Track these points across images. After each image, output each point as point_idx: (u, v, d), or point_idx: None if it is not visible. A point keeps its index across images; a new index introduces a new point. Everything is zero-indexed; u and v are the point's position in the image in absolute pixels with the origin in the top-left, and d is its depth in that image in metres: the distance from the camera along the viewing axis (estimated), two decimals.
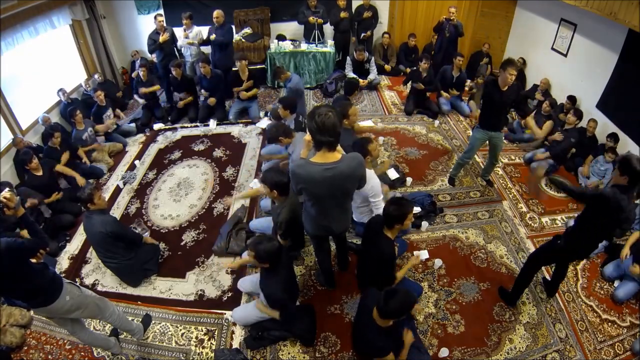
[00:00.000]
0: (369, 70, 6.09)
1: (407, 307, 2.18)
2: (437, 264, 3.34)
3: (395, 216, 2.48)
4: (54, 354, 2.78)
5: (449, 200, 4.07)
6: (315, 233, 2.63)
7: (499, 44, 6.52)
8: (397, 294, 2.18)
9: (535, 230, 3.72)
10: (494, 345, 2.78)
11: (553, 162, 4.44)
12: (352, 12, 6.28)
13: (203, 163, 4.70)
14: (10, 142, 4.22)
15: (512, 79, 3.28)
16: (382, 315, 2.22)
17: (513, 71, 3.23)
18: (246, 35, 6.16)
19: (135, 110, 5.87)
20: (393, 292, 2.21)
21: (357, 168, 2.20)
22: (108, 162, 4.69)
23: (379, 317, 2.24)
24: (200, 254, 3.50)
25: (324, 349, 2.76)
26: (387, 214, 2.52)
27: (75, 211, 3.91)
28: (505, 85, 3.34)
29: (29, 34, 4.54)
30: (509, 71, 3.23)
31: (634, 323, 2.94)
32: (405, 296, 2.18)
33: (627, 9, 3.53)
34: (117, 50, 6.49)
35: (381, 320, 2.25)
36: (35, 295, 2.17)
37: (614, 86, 4.33)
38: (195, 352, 2.77)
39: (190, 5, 6.17)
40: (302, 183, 2.21)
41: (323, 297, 3.10)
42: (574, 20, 4.86)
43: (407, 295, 2.19)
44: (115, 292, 3.20)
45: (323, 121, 1.96)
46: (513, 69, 3.23)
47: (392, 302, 2.15)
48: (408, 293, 2.23)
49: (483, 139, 3.77)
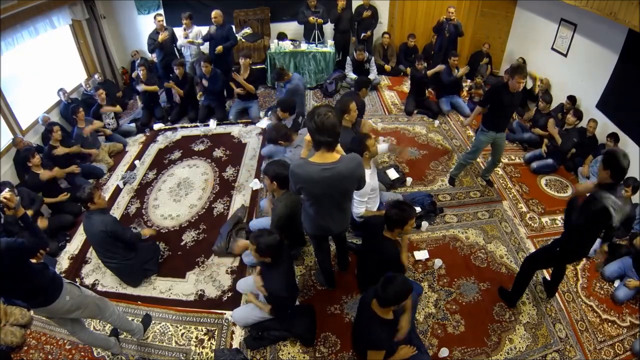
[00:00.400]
0: (369, 70, 6.08)
1: (405, 293, 2.16)
2: (437, 264, 3.34)
3: (396, 220, 2.48)
4: (54, 354, 2.78)
5: (449, 200, 4.07)
6: (314, 233, 2.63)
7: (499, 44, 6.51)
8: (395, 279, 2.17)
9: (535, 230, 3.72)
10: (494, 345, 2.78)
11: (553, 162, 4.44)
12: (352, 12, 6.28)
13: (203, 163, 4.70)
14: (10, 142, 4.22)
15: (521, 86, 3.33)
16: (381, 303, 2.20)
17: (521, 79, 3.28)
18: (246, 35, 6.15)
19: (135, 110, 5.87)
20: (391, 278, 2.20)
21: (356, 169, 2.20)
22: (108, 162, 4.69)
23: (378, 306, 2.22)
24: (200, 254, 3.50)
25: (324, 349, 2.77)
26: (388, 217, 2.52)
27: (75, 211, 3.91)
28: (515, 90, 3.39)
29: (29, 34, 4.54)
30: (517, 79, 3.27)
31: (634, 323, 2.94)
32: (402, 282, 2.17)
33: (627, 9, 3.53)
34: (117, 50, 6.49)
35: (381, 310, 2.23)
36: (35, 295, 2.17)
37: (614, 86, 4.33)
38: (195, 352, 2.77)
39: (190, 5, 6.17)
40: (301, 183, 2.22)
41: (323, 297, 3.10)
42: (574, 20, 4.86)
43: (404, 282, 2.19)
44: (115, 292, 3.20)
45: (322, 121, 1.97)
46: (521, 77, 3.27)
47: (390, 287, 2.14)
48: (405, 280, 2.22)
49: (488, 141, 3.78)
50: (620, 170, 2.12)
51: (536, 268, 2.91)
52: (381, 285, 2.17)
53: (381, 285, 2.17)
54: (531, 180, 4.38)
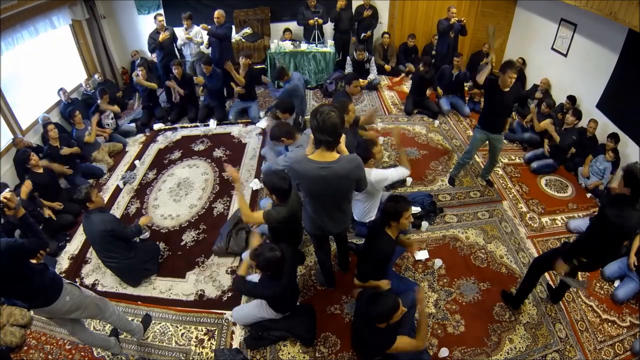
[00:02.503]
0: (369, 70, 6.09)
1: (390, 311, 2.16)
2: (437, 264, 3.34)
3: (390, 213, 2.46)
4: (54, 354, 2.78)
5: (449, 200, 4.07)
6: (313, 232, 2.65)
7: (499, 44, 6.51)
8: (377, 300, 2.19)
9: (535, 230, 3.72)
10: (494, 345, 2.78)
11: (553, 162, 4.44)
12: (352, 12, 6.28)
13: (203, 163, 4.70)
14: (10, 142, 4.22)
15: (512, 81, 3.26)
16: (371, 320, 2.23)
17: (513, 74, 3.22)
18: (246, 35, 6.16)
19: (135, 110, 5.88)
20: (372, 299, 2.21)
21: (353, 170, 2.19)
22: (108, 162, 4.69)
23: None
24: (200, 254, 3.50)
25: (324, 349, 2.77)
26: (383, 210, 2.53)
27: (75, 211, 3.90)
28: (506, 87, 3.33)
29: (29, 34, 4.54)
30: (509, 74, 3.21)
31: (634, 323, 2.94)
32: (384, 300, 2.17)
33: (627, 9, 3.53)
34: (117, 50, 6.49)
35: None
36: (35, 295, 2.17)
37: (614, 86, 4.33)
38: (195, 352, 2.77)
39: (190, 5, 6.18)
40: (298, 179, 2.27)
41: (323, 297, 3.10)
42: (574, 20, 4.86)
43: (386, 299, 2.18)
44: (115, 292, 3.20)
45: (324, 120, 1.99)
46: (513, 72, 3.21)
47: (374, 308, 2.17)
48: (387, 298, 2.20)
49: (483, 139, 3.77)
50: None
51: (543, 271, 2.84)
52: (365, 307, 2.18)
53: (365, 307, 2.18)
54: (531, 180, 4.38)
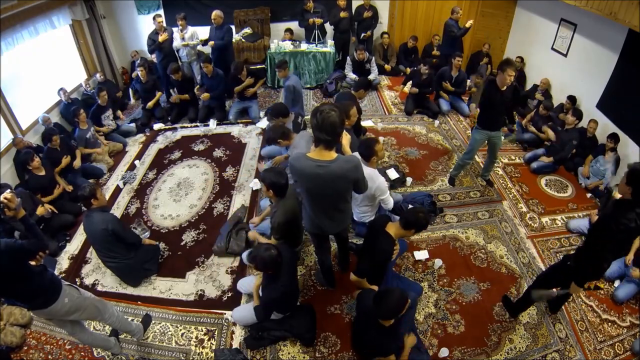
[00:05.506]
0: (370, 70, 6.09)
1: (400, 306, 2.17)
2: (437, 264, 3.34)
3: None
4: (54, 354, 2.78)
5: (449, 200, 4.07)
6: (312, 231, 2.66)
7: (499, 44, 6.52)
8: (389, 294, 2.18)
9: (535, 230, 3.72)
10: (494, 345, 2.78)
11: (553, 162, 4.44)
12: (352, 12, 6.28)
13: (203, 163, 4.70)
14: (10, 142, 4.22)
15: (511, 79, 3.27)
16: (379, 317, 2.22)
17: (512, 72, 3.22)
18: (246, 35, 6.15)
19: (135, 110, 5.87)
20: (384, 293, 2.21)
21: (350, 170, 2.19)
22: (108, 162, 4.69)
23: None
24: (200, 254, 3.50)
25: (324, 349, 2.77)
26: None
27: (75, 211, 3.91)
28: (504, 86, 3.34)
29: (29, 34, 4.54)
30: (508, 72, 3.22)
31: (634, 323, 2.94)
32: (396, 296, 2.17)
33: (627, 9, 3.53)
34: (117, 50, 6.49)
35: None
36: (34, 296, 2.17)
37: (614, 86, 4.33)
38: (195, 352, 2.77)
39: (190, 5, 6.17)
40: (296, 175, 2.30)
41: (323, 297, 3.10)
42: (574, 20, 4.86)
43: (398, 295, 2.18)
44: (115, 292, 3.20)
45: (323, 118, 2.01)
46: (512, 70, 3.22)
47: (384, 303, 2.16)
48: (400, 292, 2.20)
49: (482, 139, 3.77)
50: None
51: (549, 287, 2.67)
52: (375, 301, 2.18)
53: (375, 301, 2.18)
54: (531, 180, 4.38)
